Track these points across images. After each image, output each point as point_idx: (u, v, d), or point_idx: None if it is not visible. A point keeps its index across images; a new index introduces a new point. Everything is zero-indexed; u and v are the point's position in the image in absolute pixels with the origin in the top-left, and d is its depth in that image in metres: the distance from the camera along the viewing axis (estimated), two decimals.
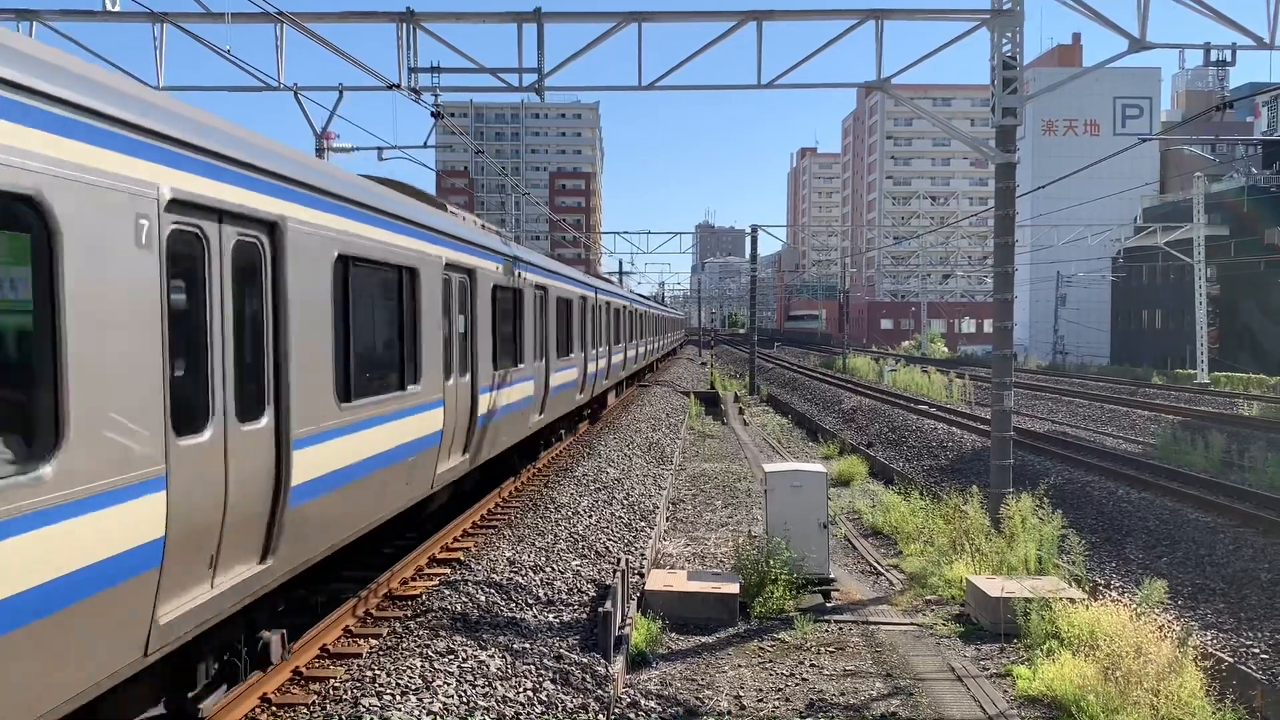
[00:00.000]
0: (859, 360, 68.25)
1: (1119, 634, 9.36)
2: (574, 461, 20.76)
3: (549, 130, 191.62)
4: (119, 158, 5.36)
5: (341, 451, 8.25)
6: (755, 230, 50.73)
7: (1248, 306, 58.85)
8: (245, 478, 6.68)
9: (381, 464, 9.27)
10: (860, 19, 16.20)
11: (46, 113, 4.79)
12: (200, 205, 6.15)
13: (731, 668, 10.36)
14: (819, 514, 13.06)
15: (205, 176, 6.19)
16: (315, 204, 7.83)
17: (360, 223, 8.81)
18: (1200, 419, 31.66)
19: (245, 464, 6.67)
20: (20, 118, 4.62)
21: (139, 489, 5.46)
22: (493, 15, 17.03)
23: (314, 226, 7.76)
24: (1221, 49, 16.77)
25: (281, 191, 7.25)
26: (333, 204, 8.21)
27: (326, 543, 8.20)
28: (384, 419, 9.30)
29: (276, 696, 7.94)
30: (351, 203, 8.64)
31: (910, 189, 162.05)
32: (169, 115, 5.95)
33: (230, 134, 6.72)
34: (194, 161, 6.07)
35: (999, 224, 16.68)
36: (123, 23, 16.53)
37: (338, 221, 8.27)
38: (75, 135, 5.00)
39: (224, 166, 6.42)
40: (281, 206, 7.22)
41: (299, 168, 7.63)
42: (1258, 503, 17.98)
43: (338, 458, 8.16)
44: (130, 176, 5.44)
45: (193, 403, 6.16)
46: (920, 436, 28.81)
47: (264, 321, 7.05)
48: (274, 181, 7.11)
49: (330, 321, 8.09)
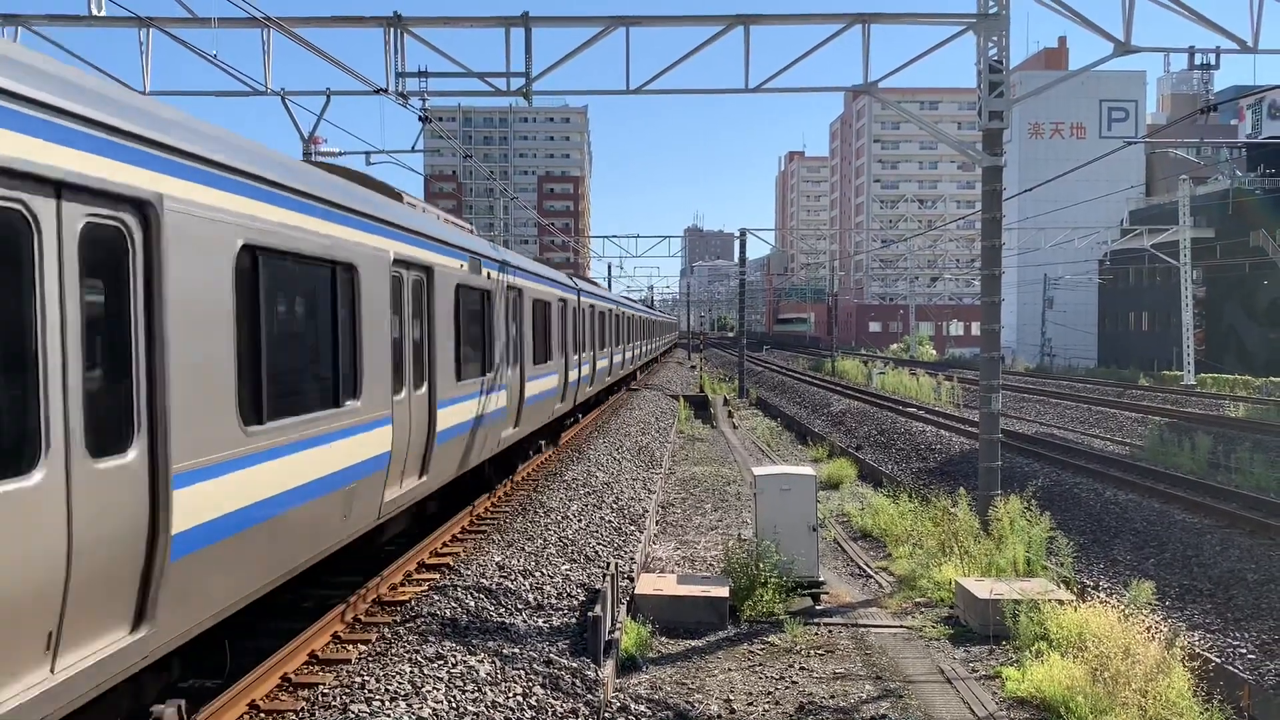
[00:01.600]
0: (847, 363, 68.43)
1: (1107, 635, 9.40)
2: (563, 466, 20.74)
3: (537, 134, 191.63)
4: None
5: (248, 485, 6.87)
6: (744, 234, 50.81)
7: (1233, 308, 59.19)
8: (99, 528, 5.29)
9: (307, 496, 7.86)
10: (847, 23, 16.26)
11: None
12: (25, 175, 4.76)
13: (721, 671, 10.36)
14: (808, 517, 13.08)
15: (32, 136, 4.79)
16: (209, 180, 6.42)
17: (275, 206, 7.34)
18: (1187, 420, 31.82)
19: (98, 511, 5.27)
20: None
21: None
22: (480, 20, 17.05)
23: (206, 208, 6.35)
24: (1206, 52, 16.88)
25: (157, 162, 5.85)
26: (234, 181, 6.75)
27: (229, 599, 6.80)
28: (310, 442, 7.91)
29: (265, 703, 7.91)
30: (261, 181, 7.12)
31: (898, 192, 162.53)
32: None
33: (82, 85, 5.35)
34: (15, 116, 4.69)
35: (986, 227, 16.74)
36: (109, 28, 16.48)
37: (241, 203, 6.81)
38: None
39: (67, 126, 5.03)
40: (157, 181, 5.84)
41: (186, 134, 6.21)
42: (1244, 503, 18.08)
43: (241, 493, 6.77)
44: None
45: (12, 434, 4.76)
46: (909, 439, 28.88)
47: (131, 328, 5.64)
48: (146, 149, 5.73)
49: (231, 327, 6.67)
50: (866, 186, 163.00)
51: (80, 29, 16.54)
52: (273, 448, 7.23)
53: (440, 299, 11.82)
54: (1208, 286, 59.83)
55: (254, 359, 7.03)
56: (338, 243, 8.47)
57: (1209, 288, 59.99)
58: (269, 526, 7.18)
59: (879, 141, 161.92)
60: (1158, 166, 79.82)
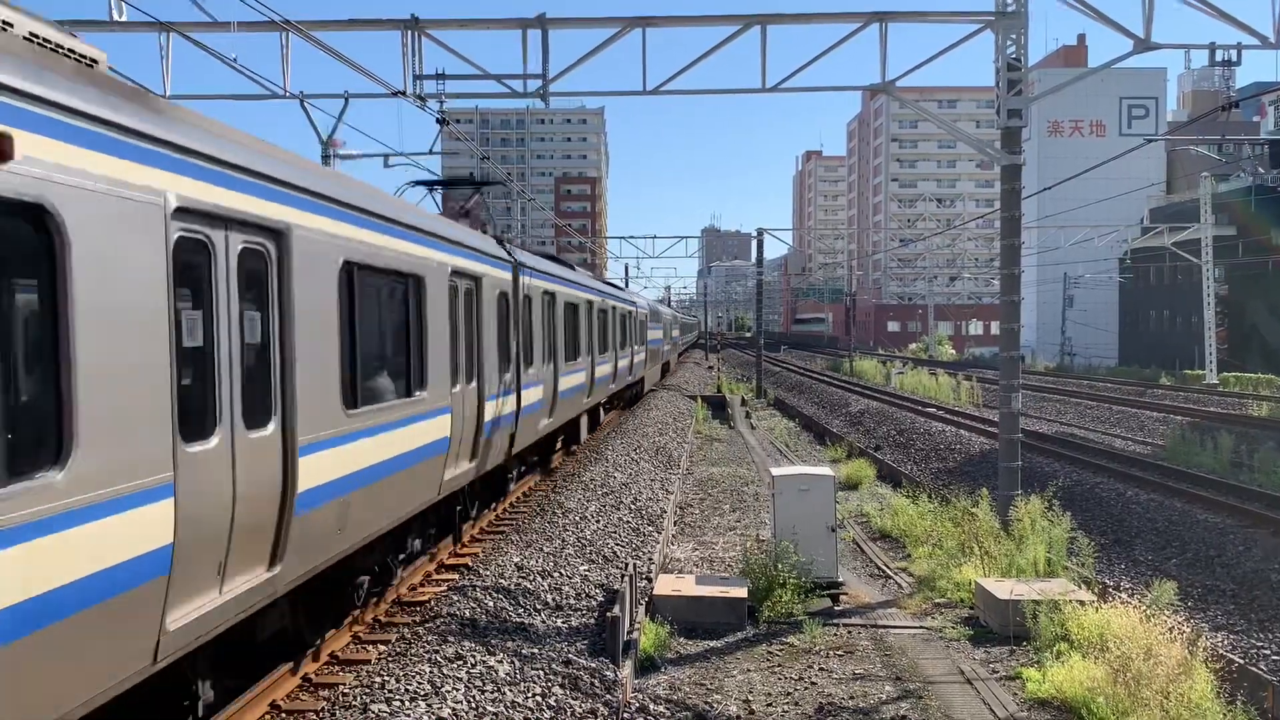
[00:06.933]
0: (866, 363, 68.19)
1: (1129, 636, 9.33)
2: (581, 467, 20.76)
3: (554, 135, 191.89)
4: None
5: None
6: (761, 234, 50.74)
7: (1256, 307, 58.66)
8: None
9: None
10: (864, 22, 16.21)
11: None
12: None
13: (740, 672, 10.35)
14: (827, 517, 13.04)
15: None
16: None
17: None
18: (1209, 420, 31.57)
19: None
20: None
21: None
22: (498, 21, 17.09)
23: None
24: (1227, 49, 16.71)
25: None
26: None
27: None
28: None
29: (286, 703, 7.96)
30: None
31: (916, 191, 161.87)
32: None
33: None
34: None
35: (1005, 226, 16.66)
36: (130, 32, 16.62)
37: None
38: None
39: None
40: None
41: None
42: (1268, 503, 17.92)
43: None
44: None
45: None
46: (928, 439, 28.77)
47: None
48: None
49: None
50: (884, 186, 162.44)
51: (102, 34, 16.67)
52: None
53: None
54: (1230, 285, 59.32)
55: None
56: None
57: (1231, 286, 59.47)
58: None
59: (897, 141, 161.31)
60: (1178, 164, 79.18)
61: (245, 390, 6.64)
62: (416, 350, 10.27)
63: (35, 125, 4.69)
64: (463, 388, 11.95)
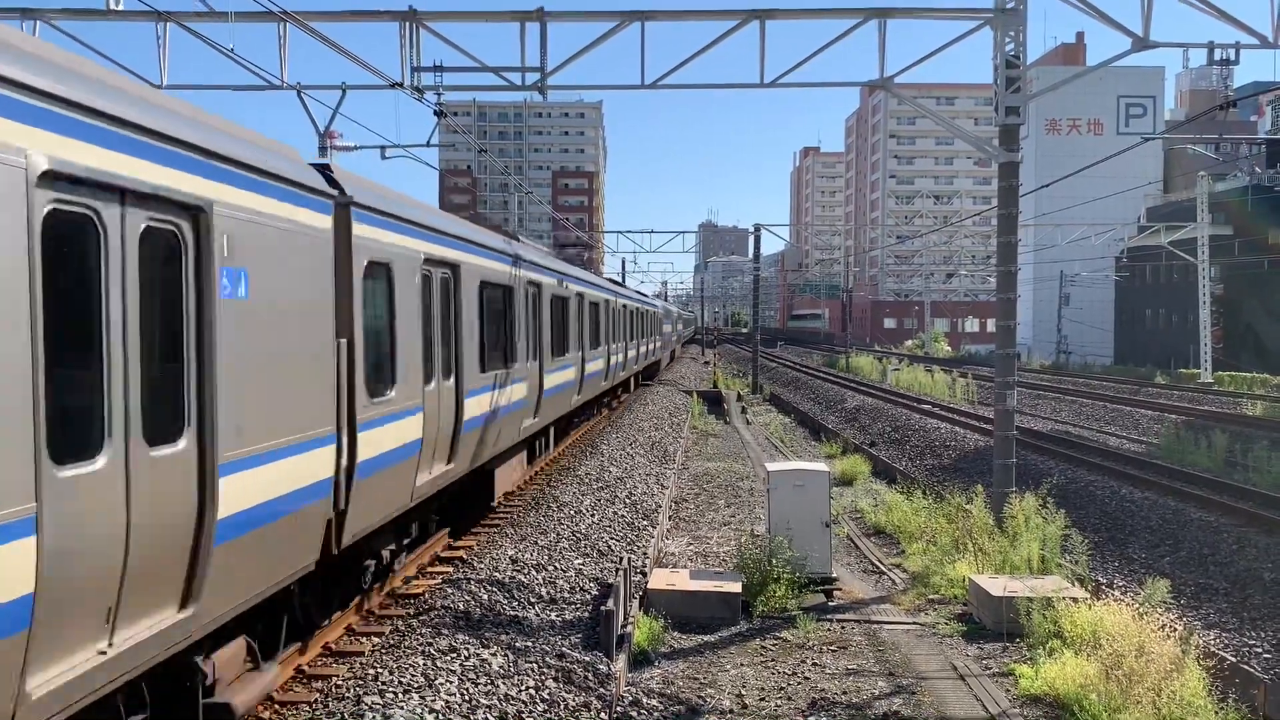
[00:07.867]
0: (862, 359, 68.18)
1: (1122, 633, 9.35)
2: (576, 460, 20.76)
3: (552, 129, 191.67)
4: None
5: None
6: (759, 230, 50.73)
7: (1251, 306, 58.76)
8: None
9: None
10: (863, 18, 16.19)
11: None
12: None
13: (734, 666, 10.36)
14: (822, 513, 13.05)
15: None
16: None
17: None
18: (1204, 418, 31.62)
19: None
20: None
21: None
22: (496, 14, 17.05)
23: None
24: (1225, 48, 16.73)
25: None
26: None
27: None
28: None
29: (279, 694, 7.96)
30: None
31: (913, 188, 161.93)
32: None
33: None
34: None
35: (1002, 223, 16.66)
36: (126, 21, 16.54)
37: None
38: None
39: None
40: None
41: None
42: (1261, 502, 17.95)
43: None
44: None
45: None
46: (923, 436, 28.80)
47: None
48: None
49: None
50: (882, 182, 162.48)
51: (98, 23, 16.60)
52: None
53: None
54: (1226, 284, 59.39)
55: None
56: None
57: (1227, 285, 59.55)
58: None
59: (895, 137, 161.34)
60: (1176, 163, 79.27)
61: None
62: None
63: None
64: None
